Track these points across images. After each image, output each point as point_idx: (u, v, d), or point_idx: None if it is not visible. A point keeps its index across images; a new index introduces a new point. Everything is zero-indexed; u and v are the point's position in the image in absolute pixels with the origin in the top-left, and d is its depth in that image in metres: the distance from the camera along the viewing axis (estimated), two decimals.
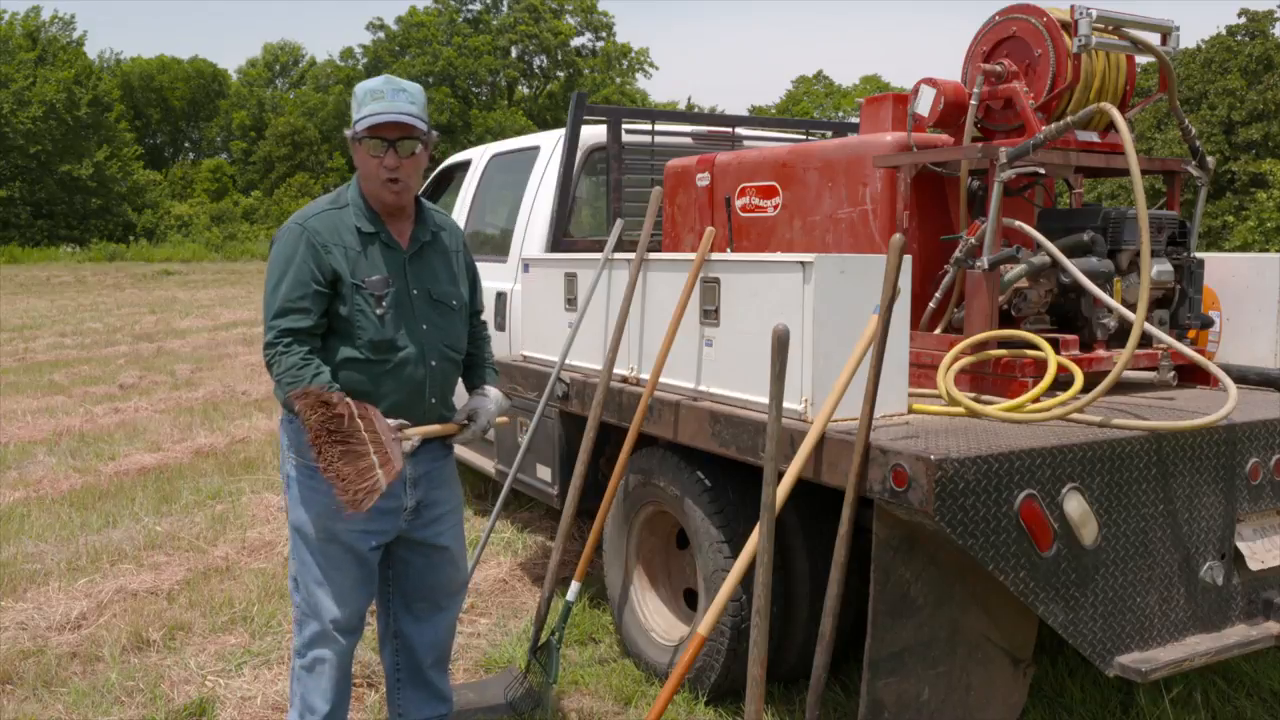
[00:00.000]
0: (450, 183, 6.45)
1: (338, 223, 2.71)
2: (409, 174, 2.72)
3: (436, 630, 3.06)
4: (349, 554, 2.77)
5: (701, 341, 3.27)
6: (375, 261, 2.72)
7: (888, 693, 2.60)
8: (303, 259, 2.64)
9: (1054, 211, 3.54)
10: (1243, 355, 3.51)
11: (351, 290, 2.67)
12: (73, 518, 5.58)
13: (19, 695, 3.56)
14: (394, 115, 2.65)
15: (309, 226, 2.68)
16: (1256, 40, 24.99)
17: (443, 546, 2.96)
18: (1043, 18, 3.31)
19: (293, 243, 2.67)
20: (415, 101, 2.70)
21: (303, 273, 2.64)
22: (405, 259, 2.78)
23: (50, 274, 28.55)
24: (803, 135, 5.80)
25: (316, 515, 2.73)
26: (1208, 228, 21.95)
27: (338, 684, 2.85)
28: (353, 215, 2.74)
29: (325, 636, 2.80)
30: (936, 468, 2.36)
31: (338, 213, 2.73)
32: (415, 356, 2.76)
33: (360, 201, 2.75)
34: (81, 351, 12.74)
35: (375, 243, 2.74)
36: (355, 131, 2.68)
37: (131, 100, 53.67)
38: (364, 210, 2.75)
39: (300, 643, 2.84)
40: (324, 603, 2.77)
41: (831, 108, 56.03)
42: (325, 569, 2.76)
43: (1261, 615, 2.90)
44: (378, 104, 2.66)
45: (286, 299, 2.64)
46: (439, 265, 2.87)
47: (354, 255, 2.70)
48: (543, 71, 55.65)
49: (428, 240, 2.85)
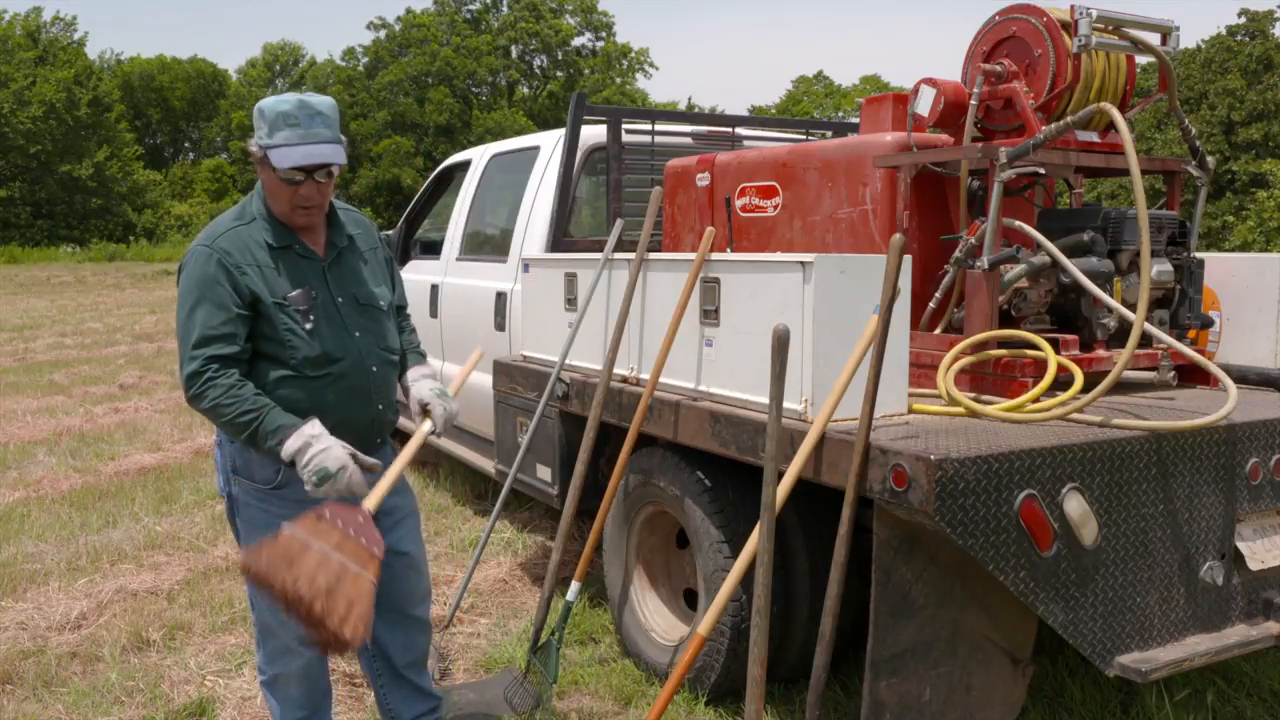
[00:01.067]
0: (450, 183, 6.45)
1: (247, 239, 2.57)
2: (323, 197, 2.62)
3: (409, 635, 3.00)
4: None
5: (701, 341, 3.27)
6: (293, 275, 2.60)
7: (889, 693, 2.60)
8: (217, 281, 2.50)
9: (1054, 211, 3.54)
10: (1243, 355, 3.51)
11: (275, 309, 2.55)
12: (73, 518, 5.58)
13: (19, 695, 3.56)
14: (313, 156, 2.50)
15: (218, 247, 2.53)
16: (1256, 40, 25.00)
17: (403, 552, 2.87)
18: (1043, 18, 3.31)
19: (203, 266, 2.52)
20: (330, 125, 2.54)
21: (219, 296, 2.49)
22: (324, 267, 2.68)
23: (50, 274, 28.55)
24: (803, 135, 5.80)
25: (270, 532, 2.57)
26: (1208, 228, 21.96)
27: (308, 692, 2.80)
28: (261, 230, 2.60)
29: (286, 651, 2.72)
30: (936, 468, 2.36)
31: (245, 229, 2.59)
32: (354, 366, 2.66)
33: (267, 216, 2.62)
34: (81, 351, 12.74)
35: (289, 255, 2.62)
36: (267, 158, 2.51)
37: (132, 100, 53.66)
38: (272, 225, 2.61)
39: (262, 659, 2.79)
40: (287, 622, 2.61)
41: (831, 108, 56.01)
42: None
43: (1261, 615, 2.90)
44: (292, 132, 2.49)
45: (206, 326, 2.48)
46: (360, 268, 2.76)
47: (269, 272, 2.56)
48: (543, 71, 55.63)
49: (344, 245, 2.75)
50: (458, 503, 5.99)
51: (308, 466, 2.42)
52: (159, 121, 58.14)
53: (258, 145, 2.54)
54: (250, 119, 2.65)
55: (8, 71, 40.91)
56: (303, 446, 2.43)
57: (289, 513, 2.48)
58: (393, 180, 46.09)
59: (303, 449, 2.43)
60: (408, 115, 48.43)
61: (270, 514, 2.61)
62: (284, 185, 2.55)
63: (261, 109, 2.55)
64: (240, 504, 2.69)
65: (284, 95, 2.54)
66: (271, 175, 2.55)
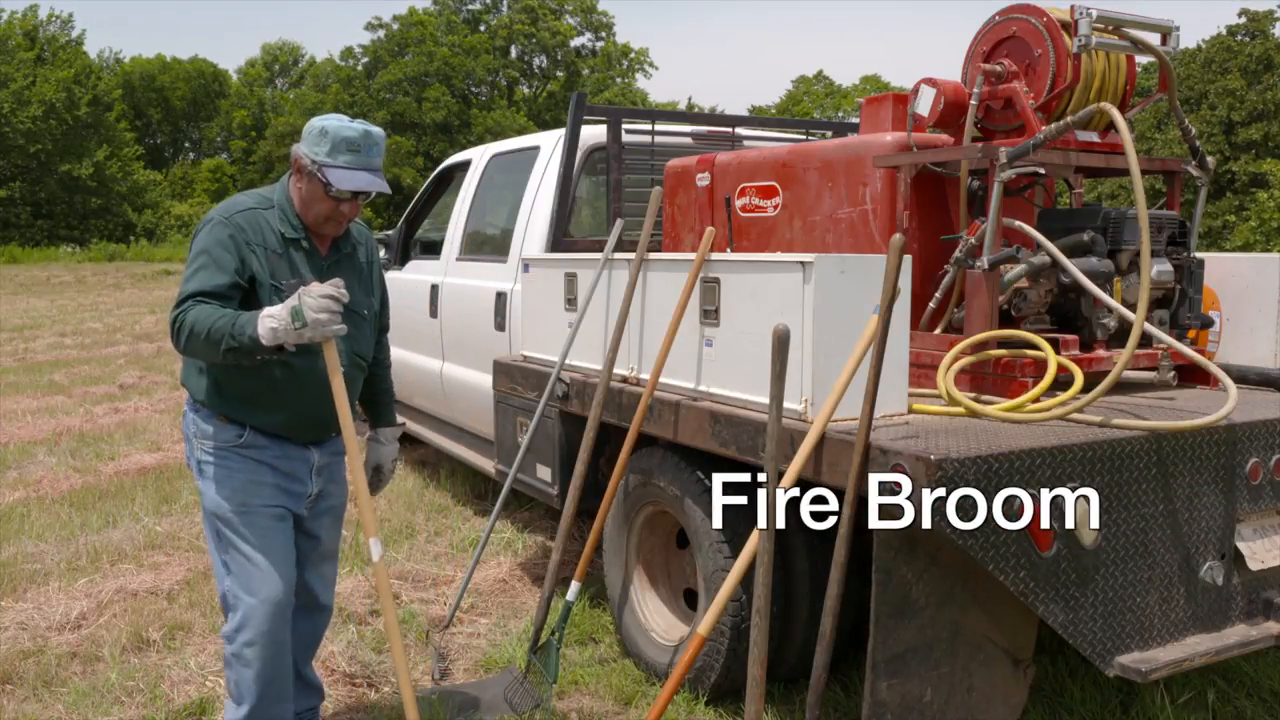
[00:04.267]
0: (450, 183, 6.45)
1: (261, 222, 2.73)
2: (355, 214, 2.82)
3: (314, 627, 3.13)
4: (271, 524, 2.81)
5: (701, 341, 3.27)
6: (294, 265, 2.76)
7: (891, 694, 2.60)
8: (225, 249, 2.65)
9: (1054, 211, 3.54)
10: (1243, 355, 3.51)
11: (270, 291, 2.69)
12: (73, 518, 5.58)
13: (19, 695, 3.56)
14: (370, 185, 2.71)
15: (234, 221, 2.69)
16: (1257, 40, 25.00)
17: (319, 538, 3.03)
18: (1043, 18, 3.31)
19: (216, 233, 2.67)
20: (382, 155, 2.77)
21: (225, 262, 2.64)
22: (324, 266, 2.84)
23: (50, 274, 28.55)
24: (803, 135, 5.80)
25: (234, 491, 2.78)
26: (1208, 228, 21.96)
27: (273, 661, 2.83)
28: (277, 219, 2.76)
29: (254, 615, 2.77)
30: (936, 468, 2.36)
31: (263, 213, 2.75)
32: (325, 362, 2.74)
33: (289, 208, 2.79)
34: (81, 351, 12.75)
35: (297, 248, 2.78)
36: (317, 169, 2.68)
37: (132, 100, 53.69)
38: (291, 217, 2.78)
39: (230, 628, 2.83)
40: (259, 577, 2.77)
41: (831, 108, 56.00)
42: (255, 542, 2.78)
43: (1261, 615, 2.89)
44: (354, 158, 2.69)
45: (204, 284, 2.61)
46: (354, 276, 2.91)
47: (274, 257, 2.72)
48: (542, 71, 55.64)
49: (348, 251, 2.93)
50: (458, 503, 5.99)
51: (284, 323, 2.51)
52: (159, 121, 58.15)
53: (312, 160, 2.70)
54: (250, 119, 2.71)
55: (7, 71, 40.90)
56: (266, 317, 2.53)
57: (246, 467, 2.77)
58: (392, 180, 46.09)
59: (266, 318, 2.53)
60: (407, 115, 48.44)
61: (229, 469, 2.78)
62: (328, 200, 2.73)
63: (326, 129, 2.71)
64: (203, 465, 2.82)
65: (348, 121, 2.73)
66: (317, 186, 2.72)
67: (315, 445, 2.92)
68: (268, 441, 2.81)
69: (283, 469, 2.84)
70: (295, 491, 2.87)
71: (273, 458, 2.82)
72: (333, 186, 2.69)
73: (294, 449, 2.86)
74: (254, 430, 2.79)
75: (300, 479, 2.88)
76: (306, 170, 2.72)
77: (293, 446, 2.85)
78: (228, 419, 2.79)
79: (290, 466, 2.85)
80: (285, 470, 2.84)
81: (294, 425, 2.83)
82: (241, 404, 2.77)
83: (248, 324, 2.53)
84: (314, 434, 2.89)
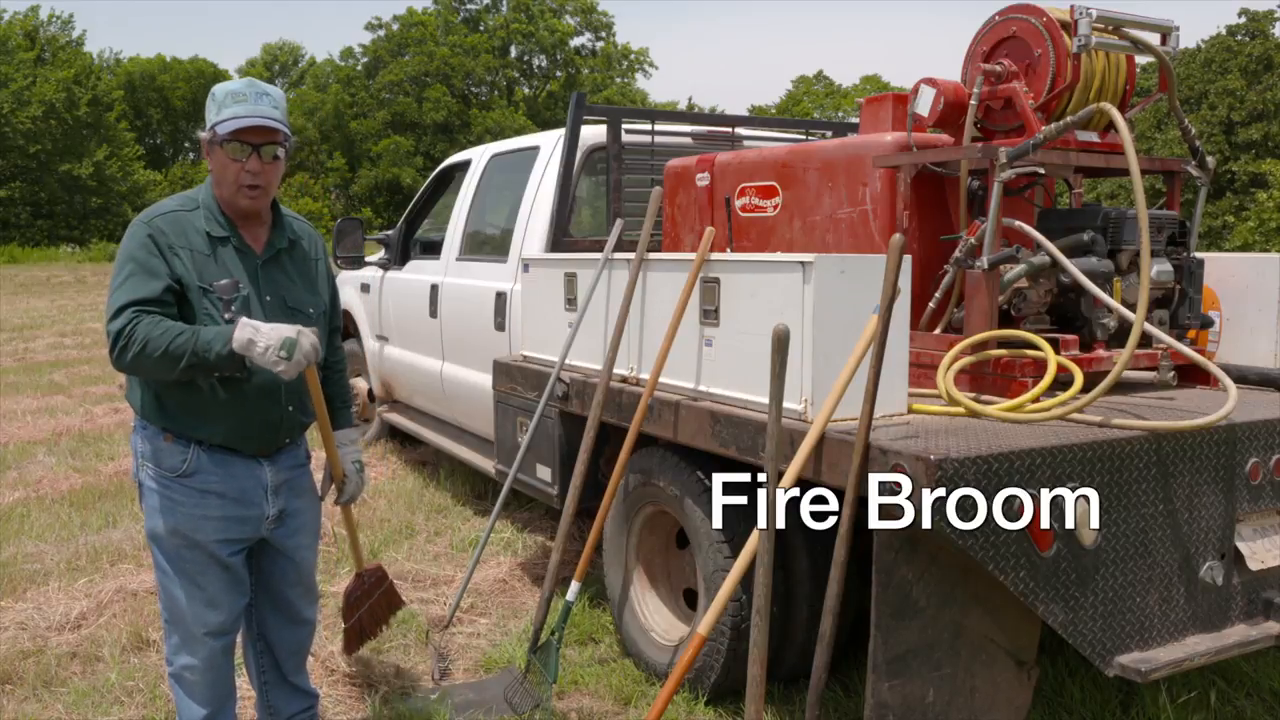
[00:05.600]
0: (450, 183, 6.45)
1: (185, 224, 2.63)
2: (269, 179, 2.67)
3: (298, 636, 3.08)
4: (212, 561, 2.71)
5: (701, 341, 3.27)
6: (225, 266, 2.64)
7: (893, 695, 2.59)
8: (150, 253, 2.55)
9: (1054, 211, 3.54)
10: (1243, 355, 3.51)
11: (199, 294, 2.58)
12: (72, 518, 5.58)
13: (19, 695, 3.56)
14: (258, 119, 2.58)
15: (154, 225, 2.60)
16: (1256, 40, 25.00)
17: (299, 560, 2.96)
18: (1042, 18, 3.31)
19: (138, 239, 2.57)
20: (278, 106, 2.66)
21: (153, 267, 2.54)
22: (258, 264, 2.72)
23: (50, 274, 28.55)
24: (803, 135, 5.80)
25: (175, 524, 2.67)
26: (1208, 228, 21.97)
27: (213, 686, 2.81)
28: (203, 218, 2.66)
29: (195, 642, 2.75)
30: (936, 468, 2.36)
31: (186, 215, 2.65)
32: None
33: (213, 205, 2.68)
34: (81, 351, 12.75)
35: (226, 246, 2.67)
36: (215, 135, 2.60)
37: (133, 100, 53.67)
38: (216, 214, 2.68)
39: (170, 650, 2.81)
40: (192, 611, 2.72)
41: (831, 108, 56.01)
42: (190, 575, 2.71)
43: (1261, 615, 2.89)
44: (240, 106, 2.59)
45: (135, 292, 2.51)
46: (295, 273, 2.81)
47: (201, 259, 2.61)
48: (542, 71, 55.64)
49: (284, 247, 2.79)
50: (457, 503, 5.99)
51: (269, 347, 2.46)
52: (159, 121, 58.13)
53: (208, 127, 2.61)
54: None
55: (7, 71, 40.91)
56: (252, 333, 2.47)
57: (190, 501, 2.65)
58: (392, 180, 46.10)
59: (253, 334, 2.47)
60: (407, 115, 48.43)
61: (173, 501, 2.67)
62: (230, 162, 2.61)
63: (213, 93, 2.64)
64: (145, 490, 2.72)
65: (235, 80, 2.67)
66: (220, 156, 2.62)
67: (267, 461, 2.77)
68: (213, 465, 2.67)
69: (231, 495, 2.70)
70: (247, 516, 2.74)
71: (219, 484, 2.68)
72: (226, 140, 2.57)
73: (242, 469, 2.72)
74: (200, 449, 2.66)
75: (252, 501, 2.74)
76: (209, 143, 2.63)
77: (241, 465, 2.71)
78: (173, 437, 2.66)
79: (239, 490, 2.71)
80: (234, 496, 2.71)
81: (239, 435, 2.69)
82: (185, 415, 2.64)
83: (215, 340, 2.46)
84: (261, 443, 2.74)
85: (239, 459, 2.72)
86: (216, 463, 2.68)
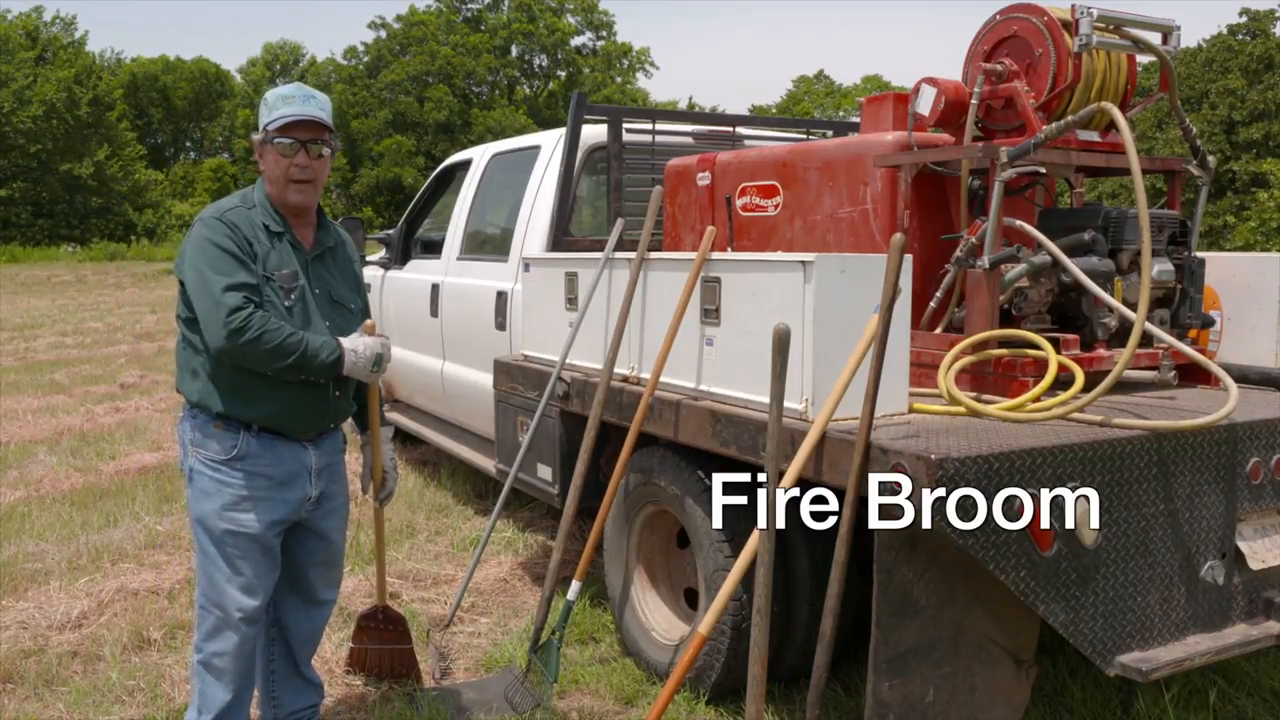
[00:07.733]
0: (450, 182, 6.45)
1: (250, 219, 2.80)
2: (317, 174, 2.86)
3: (314, 623, 3.16)
4: (255, 544, 2.83)
5: (702, 341, 3.27)
6: (283, 258, 2.82)
7: (893, 694, 2.59)
8: (231, 239, 2.71)
9: (1055, 211, 3.54)
10: (1244, 355, 3.51)
11: (264, 282, 2.75)
12: (73, 517, 5.58)
13: (20, 694, 3.56)
14: (307, 114, 2.79)
15: (227, 220, 2.75)
16: (1257, 39, 24.98)
17: (329, 538, 3.08)
18: (1043, 17, 3.31)
19: (215, 230, 2.72)
20: (324, 108, 2.84)
21: (241, 255, 2.71)
22: (308, 260, 2.90)
23: (51, 273, 28.55)
24: (803, 135, 5.80)
25: (221, 508, 2.79)
26: (1209, 227, 21.95)
27: (240, 674, 2.89)
28: (260, 215, 2.83)
29: (228, 627, 2.84)
30: (937, 467, 2.36)
31: (247, 211, 2.82)
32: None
33: (267, 203, 2.85)
34: (82, 351, 12.75)
35: (282, 241, 2.84)
36: (266, 134, 2.80)
37: (135, 100, 53.69)
38: (271, 211, 2.85)
39: (201, 636, 2.87)
40: (230, 594, 2.82)
41: (832, 107, 55.99)
42: (231, 559, 2.81)
43: (1262, 615, 2.89)
44: (289, 107, 2.79)
45: (237, 278, 2.67)
46: (337, 271, 3.00)
47: (264, 250, 2.78)
48: (543, 71, 55.62)
49: (330, 246, 2.99)
50: (458, 502, 5.99)
51: (366, 360, 2.83)
52: (160, 121, 58.16)
53: (261, 129, 2.82)
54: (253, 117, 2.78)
55: (8, 71, 40.90)
56: (351, 347, 2.82)
57: (240, 483, 2.79)
58: (393, 179, 46.08)
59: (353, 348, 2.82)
60: (408, 114, 48.43)
61: (223, 483, 2.80)
62: (280, 158, 2.80)
63: (265, 98, 2.86)
64: (196, 474, 2.83)
65: (286, 85, 2.89)
66: (271, 154, 2.81)
67: (312, 445, 2.93)
68: (261, 449, 2.81)
69: (278, 477, 2.84)
70: (292, 499, 2.88)
71: (268, 466, 2.82)
72: (277, 137, 2.76)
73: (288, 452, 2.86)
74: (249, 435, 2.80)
75: (298, 483, 2.89)
76: (261, 143, 2.82)
77: (287, 449, 2.86)
78: (224, 425, 2.79)
79: (286, 473, 2.86)
80: (281, 478, 2.85)
81: (289, 416, 2.83)
82: (236, 396, 2.77)
83: (321, 349, 2.73)
84: (310, 425, 2.89)
85: (285, 443, 2.86)
86: (265, 446, 2.82)
